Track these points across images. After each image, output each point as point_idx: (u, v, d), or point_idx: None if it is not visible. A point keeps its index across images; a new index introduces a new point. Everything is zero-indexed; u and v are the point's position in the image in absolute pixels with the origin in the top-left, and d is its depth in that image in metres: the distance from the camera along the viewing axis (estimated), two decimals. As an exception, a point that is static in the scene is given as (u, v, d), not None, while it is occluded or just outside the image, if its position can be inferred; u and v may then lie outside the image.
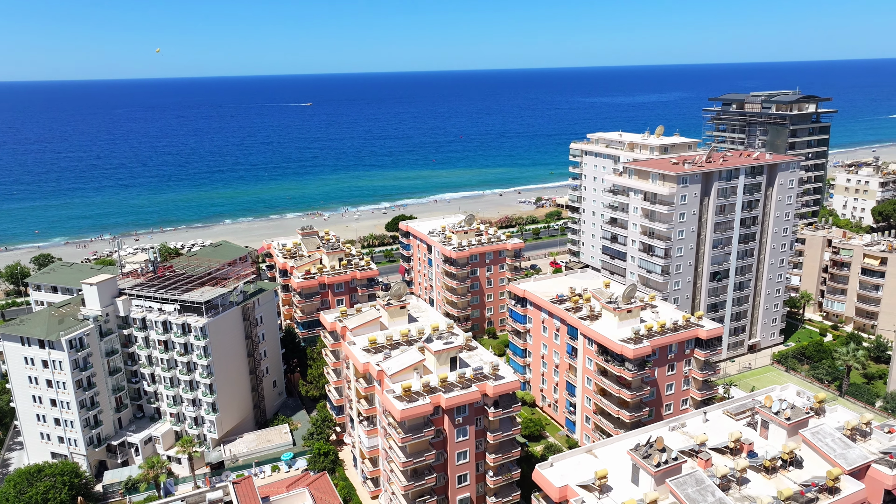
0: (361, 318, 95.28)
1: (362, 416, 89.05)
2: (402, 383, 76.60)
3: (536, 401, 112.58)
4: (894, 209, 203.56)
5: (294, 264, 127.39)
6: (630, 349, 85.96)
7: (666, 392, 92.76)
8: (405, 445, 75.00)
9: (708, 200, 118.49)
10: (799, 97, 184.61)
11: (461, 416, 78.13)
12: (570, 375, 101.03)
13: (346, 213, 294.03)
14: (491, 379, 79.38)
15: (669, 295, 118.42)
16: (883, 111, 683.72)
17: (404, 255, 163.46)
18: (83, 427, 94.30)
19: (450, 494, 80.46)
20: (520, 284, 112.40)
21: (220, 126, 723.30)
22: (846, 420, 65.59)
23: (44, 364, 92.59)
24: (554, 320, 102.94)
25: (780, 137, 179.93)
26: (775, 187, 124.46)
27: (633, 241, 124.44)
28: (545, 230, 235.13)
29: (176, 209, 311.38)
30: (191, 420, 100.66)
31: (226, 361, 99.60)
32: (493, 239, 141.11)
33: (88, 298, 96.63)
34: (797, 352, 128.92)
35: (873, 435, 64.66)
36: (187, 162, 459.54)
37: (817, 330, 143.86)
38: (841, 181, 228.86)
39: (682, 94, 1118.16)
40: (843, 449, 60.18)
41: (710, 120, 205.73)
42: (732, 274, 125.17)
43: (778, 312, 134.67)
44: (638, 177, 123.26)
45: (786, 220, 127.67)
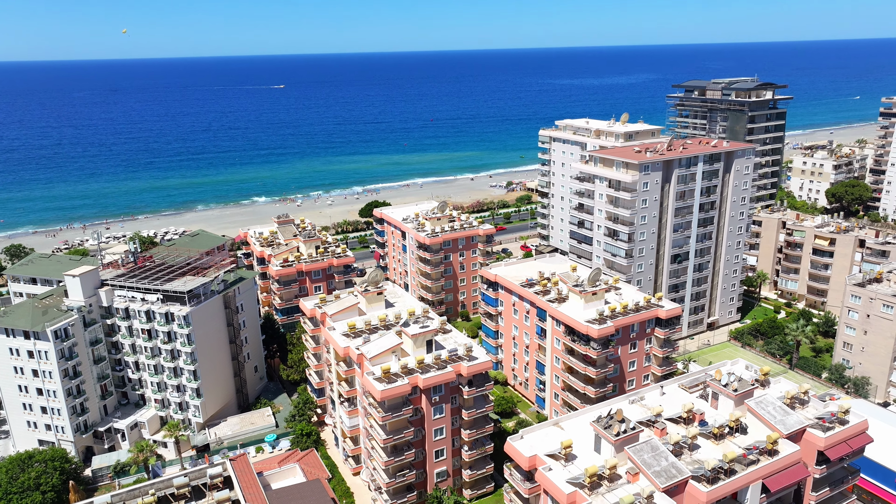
0: (340, 305, 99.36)
1: (343, 398, 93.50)
2: (382, 366, 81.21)
3: (508, 379, 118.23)
4: (846, 191, 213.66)
5: (271, 252, 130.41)
6: (595, 329, 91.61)
7: (629, 369, 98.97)
8: (385, 424, 79.78)
9: (669, 187, 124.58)
10: (757, 84, 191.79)
11: (437, 395, 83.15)
12: (539, 355, 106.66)
13: (319, 198, 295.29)
14: (465, 360, 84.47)
15: (633, 277, 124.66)
16: (844, 93, 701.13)
17: (379, 242, 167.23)
18: (70, 414, 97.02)
19: (428, 468, 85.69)
20: (491, 269, 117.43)
21: (185, 110, 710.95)
22: (787, 390, 72.17)
23: (29, 354, 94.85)
24: (524, 303, 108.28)
25: (740, 123, 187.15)
26: (732, 173, 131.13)
27: (598, 226, 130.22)
28: (516, 214, 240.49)
29: (145, 197, 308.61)
30: (175, 405, 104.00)
31: (209, 348, 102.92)
32: (466, 225, 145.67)
33: (71, 289, 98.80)
34: (752, 328, 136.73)
35: (811, 403, 71.34)
36: (153, 148, 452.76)
37: (772, 307, 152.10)
38: (798, 164, 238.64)
39: (650, 75, 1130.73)
40: (783, 416, 66.66)
41: (674, 106, 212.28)
42: (692, 256, 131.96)
43: (735, 291, 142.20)
44: (603, 164, 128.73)
45: (742, 204, 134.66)
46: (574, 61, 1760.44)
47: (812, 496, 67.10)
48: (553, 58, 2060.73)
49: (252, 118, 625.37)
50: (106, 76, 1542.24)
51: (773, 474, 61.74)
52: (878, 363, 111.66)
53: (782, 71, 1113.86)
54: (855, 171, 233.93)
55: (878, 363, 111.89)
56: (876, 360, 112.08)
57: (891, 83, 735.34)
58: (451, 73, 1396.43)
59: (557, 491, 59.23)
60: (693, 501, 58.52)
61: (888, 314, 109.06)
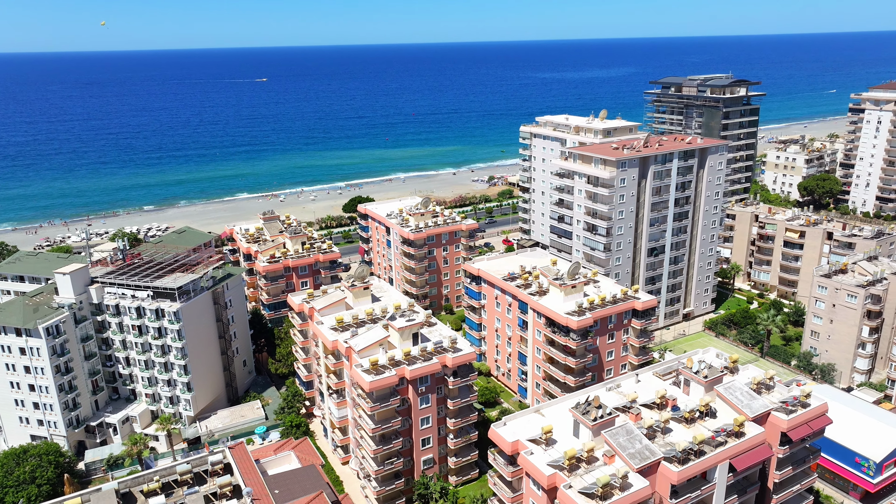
0: (328, 299, 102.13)
1: (332, 390, 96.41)
2: (370, 358, 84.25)
3: (491, 370, 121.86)
4: (817, 184, 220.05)
5: (258, 249, 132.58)
6: (574, 321, 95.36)
7: (607, 358, 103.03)
8: (374, 413, 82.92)
9: (645, 183, 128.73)
10: (731, 81, 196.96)
11: (424, 386, 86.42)
12: (521, 346, 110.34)
13: (302, 194, 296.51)
14: (450, 351, 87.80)
15: (611, 270, 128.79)
16: (819, 87, 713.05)
17: (363, 237, 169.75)
18: (62, 410, 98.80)
19: (415, 456, 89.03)
20: (474, 263, 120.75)
21: (164, 104, 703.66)
22: (754, 376, 76.49)
23: (21, 351, 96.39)
24: (506, 296, 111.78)
25: (715, 119, 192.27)
26: (706, 169, 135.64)
27: (578, 220, 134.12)
28: (498, 209, 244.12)
29: (125, 193, 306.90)
30: (166, 399, 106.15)
31: (199, 343, 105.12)
32: (449, 220, 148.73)
33: (62, 287, 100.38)
34: (726, 319, 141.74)
35: (776, 388, 75.74)
36: (131, 144, 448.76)
37: (745, 298, 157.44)
38: (772, 158, 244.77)
39: (630, 69, 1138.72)
40: (749, 400, 70.90)
41: (651, 102, 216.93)
42: (668, 249, 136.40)
43: (710, 283, 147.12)
44: (582, 161, 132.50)
45: (715, 198, 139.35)
46: (555, 54, 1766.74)
47: (776, 475, 71.50)
48: (534, 51, 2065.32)
49: (232, 113, 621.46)
50: (80, 69, 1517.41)
51: (739, 455, 65.92)
52: (843, 350, 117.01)
53: (759, 65, 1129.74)
54: (826, 164, 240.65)
55: (842, 350, 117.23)
56: (841, 347, 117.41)
57: (865, 76, 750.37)
58: (432, 66, 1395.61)
59: (538, 473, 62.86)
60: (665, 481, 62.48)
61: (852, 304, 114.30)
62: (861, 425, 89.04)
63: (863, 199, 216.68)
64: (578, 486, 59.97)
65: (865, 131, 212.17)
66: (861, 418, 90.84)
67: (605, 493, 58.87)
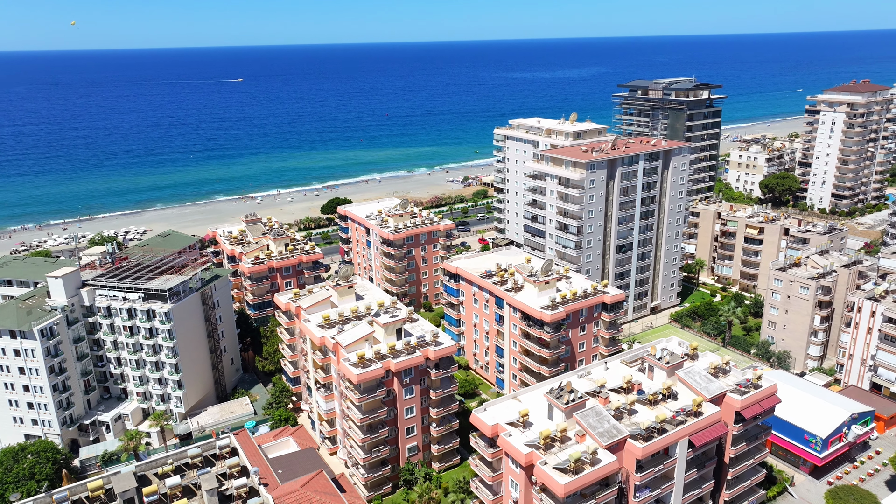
0: (314, 298, 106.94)
1: (319, 384, 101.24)
2: (357, 352, 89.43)
3: (470, 364, 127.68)
4: (777, 182, 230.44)
5: (242, 250, 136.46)
6: (548, 315, 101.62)
7: (579, 349, 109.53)
8: (361, 404, 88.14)
9: (613, 183, 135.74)
10: (695, 84, 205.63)
11: (408, 378, 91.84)
12: (498, 340, 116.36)
13: (279, 195, 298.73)
14: (432, 345, 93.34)
15: (582, 267, 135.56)
16: (783, 86, 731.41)
17: (343, 238, 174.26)
18: (57, 409, 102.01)
19: (400, 444, 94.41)
20: (452, 262, 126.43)
21: (134, 106, 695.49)
22: (711, 361, 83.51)
23: (15, 353, 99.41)
24: (483, 293, 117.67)
25: (679, 121, 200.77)
26: (670, 170, 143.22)
27: (550, 220, 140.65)
28: (473, 209, 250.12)
29: (99, 196, 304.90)
30: (157, 397, 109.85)
31: (189, 342, 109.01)
32: (427, 221, 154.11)
33: (54, 290, 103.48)
34: (691, 311, 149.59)
35: (732, 372, 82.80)
36: (102, 146, 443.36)
37: (709, 291, 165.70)
38: (735, 157, 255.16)
39: (600, 68, 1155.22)
40: (707, 383, 77.79)
41: (619, 105, 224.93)
42: (635, 246, 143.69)
43: (675, 277, 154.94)
44: (553, 163, 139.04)
45: (680, 197, 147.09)
46: (527, 54, 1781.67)
47: (731, 450, 78.50)
48: (506, 50, 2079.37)
49: (204, 114, 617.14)
50: (45, 69, 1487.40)
51: (697, 432, 72.66)
52: (797, 339, 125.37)
53: (726, 64, 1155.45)
54: (786, 163, 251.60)
55: (797, 339, 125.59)
56: (795, 335, 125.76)
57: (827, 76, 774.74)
58: (403, 66, 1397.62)
59: (517, 452, 68.76)
60: (631, 456, 68.86)
61: (805, 295, 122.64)
62: (810, 406, 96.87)
63: (819, 196, 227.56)
64: (553, 463, 65.98)
65: (821, 132, 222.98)
66: (811, 400, 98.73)
67: (576, 468, 65.02)
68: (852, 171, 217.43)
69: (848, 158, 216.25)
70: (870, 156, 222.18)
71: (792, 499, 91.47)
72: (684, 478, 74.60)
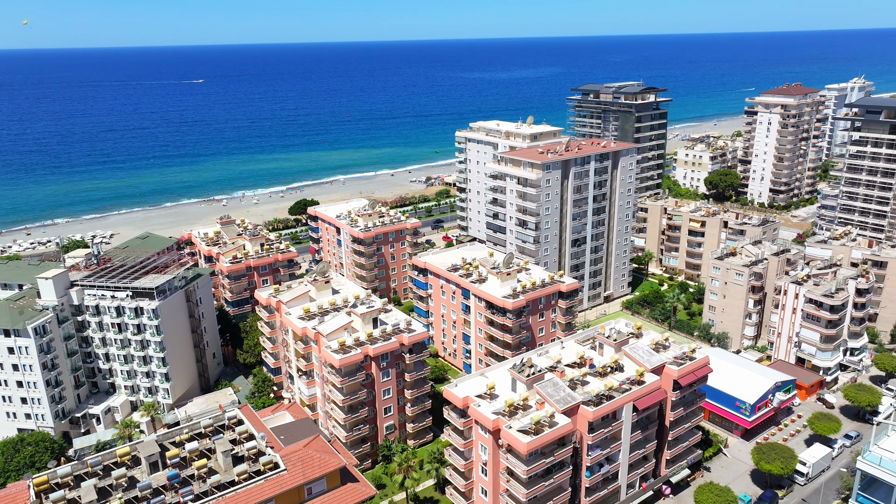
0: (293, 293, 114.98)
1: (301, 371, 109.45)
2: (337, 340, 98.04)
3: (439, 352, 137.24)
4: (720, 179, 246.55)
5: (219, 251, 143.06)
6: (510, 303, 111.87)
7: (538, 334, 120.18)
8: (343, 387, 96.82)
9: (567, 182, 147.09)
10: (642, 88, 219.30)
11: (384, 362, 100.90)
12: (465, 328, 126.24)
13: (245, 198, 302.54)
14: (406, 332, 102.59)
15: (540, 259, 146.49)
16: (731, 85, 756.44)
17: (314, 238, 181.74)
18: (50, 403, 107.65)
19: (378, 423, 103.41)
20: (421, 258, 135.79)
21: (87, 108, 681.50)
22: (653, 338, 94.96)
23: (10, 350, 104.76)
24: (450, 285, 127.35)
25: (629, 123, 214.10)
26: (619, 169, 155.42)
27: (510, 217, 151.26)
28: (437, 208, 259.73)
29: (58, 202, 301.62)
30: (145, 390, 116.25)
31: (175, 337, 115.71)
32: (395, 220, 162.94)
33: (44, 291, 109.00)
34: (641, 299, 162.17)
35: (671, 347, 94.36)
36: (56, 151, 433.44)
37: (657, 281, 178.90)
38: (681, 156, 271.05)
39: (556, 68, 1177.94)
40: (649, 356, 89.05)
41: (573, 107, 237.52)
42: (589, 240, 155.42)
43: (626, 268, 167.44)
44: (512, 164, 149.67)
45: (628, 194, 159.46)
46: (484, 54, 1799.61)
47: (671, 414, 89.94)
48: (463, 50, 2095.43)
49: (160, 117, 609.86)
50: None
51: (640, 398, 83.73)
52: (734, 321, 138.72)
53: (676, 64, 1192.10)
54: (728, 161, 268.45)
55: (733, 321, 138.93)
56: (732, 318, 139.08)
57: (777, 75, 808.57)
58: (362, 66, 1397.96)
59: (485, 419, 78.61)
60: (583, 419, 79.45)
61: (740, 281, 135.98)
62: (741, 377, 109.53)
63: (759, 191, 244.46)
64: (517, 427, 76.02)
65: (759, 131, 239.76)
66: (742, 372, 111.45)
67: (537, 430, 75.21)
68: (787, 167, 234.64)
69: (783, 156, 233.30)
70: (802, 153, 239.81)
71: (726, 458, 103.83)
72: (630, 438, 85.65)
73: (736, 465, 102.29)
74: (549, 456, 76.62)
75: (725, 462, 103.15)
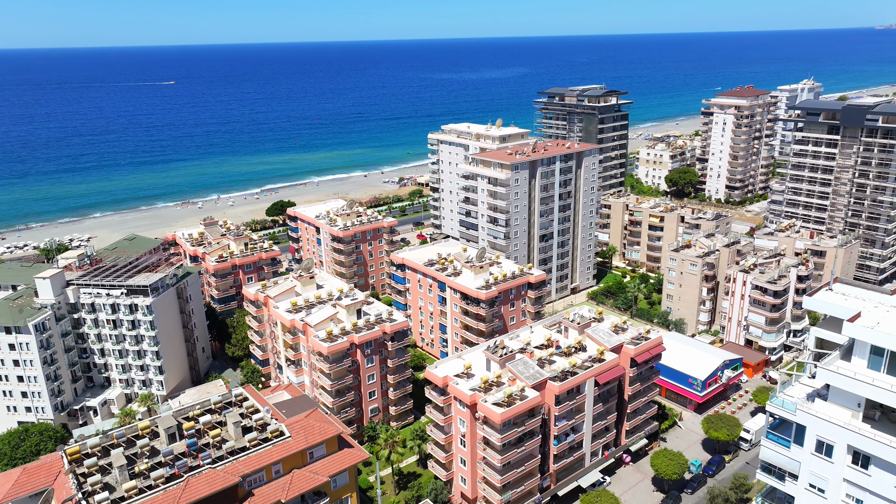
0: (280, 288, 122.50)
1: (290, 361, 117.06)
2: (325, 329, 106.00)
3: (417, 342, 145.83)
4: (679, 176, 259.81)
5: (205, 251, 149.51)
6: (483, 294, 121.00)
7: (510, 322, 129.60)
8: (331, 373, 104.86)
9: (534, 182, 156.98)
10: (604, 92, 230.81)
11: (369, 349, 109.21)
12: (441, 319, 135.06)
13: (220, 200, 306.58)
14: (388, 321, 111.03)
15: (511, 253, 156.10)
16: (694, 85, 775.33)
17: (293, 237, 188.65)
18: (50, 396, 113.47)
19: (363, 406, 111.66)
20: (399, 254, 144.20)
21: (49, 112, 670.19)
22: (613, 322, 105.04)
23: (10, 347, 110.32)
24: (427, 279, 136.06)
25: (592, 124, 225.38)
26: (582, 169, 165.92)
27: (482, 214, 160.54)
28: (410, 207, 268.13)
29: (29, 206, 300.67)
30: (139, 382, 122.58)
31: (167, 332, 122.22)
32: (372, 219, 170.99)
33: (42, 290, 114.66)
34: (605, 290, 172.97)
35: (629, 330, 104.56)
36: (21, 156, 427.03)
37: (621, 273, 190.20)
38: (643, 155, 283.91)
39: (523, 69, 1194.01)
40: (609, 337, 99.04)
41: (540, 110, 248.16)
42: (556, 235, 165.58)
43: (591, 262, 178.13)
44: (483, 165, 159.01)
45: (592, 192, 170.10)
46: (451, 54, 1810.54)
47: (629, 389, 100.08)
48: (431, 50, 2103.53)
49: (127, 120, 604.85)
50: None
51: (601, 373, 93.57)
52: (689, 307, 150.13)
53: (641, 64, 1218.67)
54: (687, 159, 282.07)
55: (689, 308, 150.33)
56: (688, 305, 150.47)
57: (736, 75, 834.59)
58: (330, 66, 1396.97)
59: (463, 395, 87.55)
60: (550, 393, 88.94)
61: (694, 271, 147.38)
62: (694, 357, 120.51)
63: (716, 187, 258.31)
64: (491, 400, 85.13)
65: (715, 131, 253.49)
66: (695, 353, 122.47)
67: (509, 402, 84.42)
68: (741, 165, 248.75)
69: (737, 155, 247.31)
70: (756, 152, 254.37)
71: (680, 430, 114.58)
72: (593, 410, 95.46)
73: (689, 435, 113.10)
74: (520, 426, 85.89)
75: (680, 433, 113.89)
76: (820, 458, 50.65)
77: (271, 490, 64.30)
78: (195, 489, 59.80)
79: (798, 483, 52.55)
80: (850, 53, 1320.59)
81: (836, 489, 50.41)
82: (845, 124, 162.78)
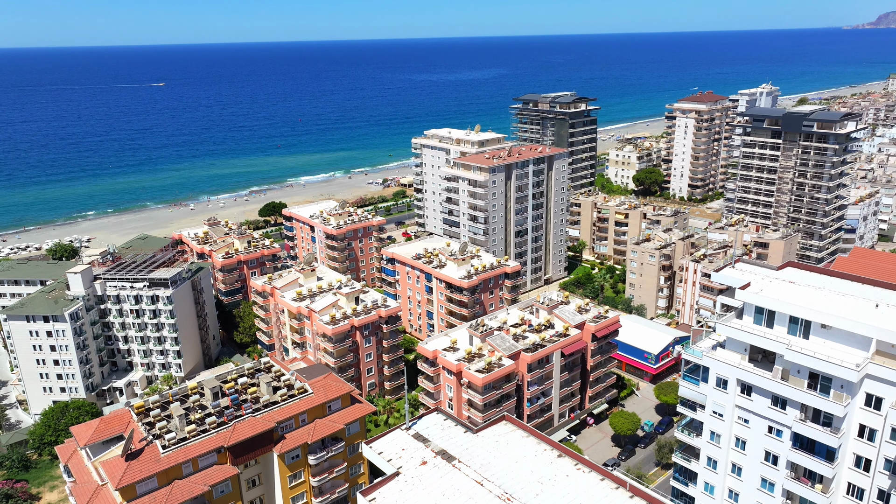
0: (284, 280, 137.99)
1: (296, 344, 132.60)
2: (329, 314, 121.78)
3: (406, 329, 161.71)
4: (646, 176, 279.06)
5: (211, 248, 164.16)
6: (465, 283, 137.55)
7: (489, 308, 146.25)
8: (334, 352, 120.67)
9: (510, 183, 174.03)
10: (574, 98, 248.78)
11: (367, 331, 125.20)
12: (428, 307, 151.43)
13: (210, 202, 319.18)
14: (383, 307, 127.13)
15: (489, 248, 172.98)
16: (667, 86, 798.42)
17: (288, 236, 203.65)
18: (83, 378, 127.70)
19: (362, 381, 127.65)
20: (389, 249, 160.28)
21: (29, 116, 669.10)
22: (578, 303, 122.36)
23: (48, 334, 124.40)
24: (415, 271, 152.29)
25: (563, 129, 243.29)
26: (554, 170, 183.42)
27: (463, 213, 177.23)
28: (395, 207, 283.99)
29: (21, 210, 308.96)
30: (160, 366, 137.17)
31: (184, 321, 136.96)
32: (362, 218, 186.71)
33: (73, 283, 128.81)
34: (575, 281, 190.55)
35: (591, 311, 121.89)
36: (5, 160, 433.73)
37: (590, 266, 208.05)
38: (612, 156, 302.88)
39: (500, 70, 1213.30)
40: (573, 316, 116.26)
41: (515, 115, 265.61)
42: (530, 231, 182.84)
43: (563, 255, 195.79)
44: (463, 168, 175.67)
45: (562, 192, 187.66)
46: (427, 54, 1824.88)
47: (591, 360, 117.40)
48: (408, 50, 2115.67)
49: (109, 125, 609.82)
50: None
51: (566, 346, 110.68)
52: (649, 294, 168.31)
53: (616, 65, 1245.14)
54: (654, 160, 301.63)
55: (649, 295, 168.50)
56: (648, 292, 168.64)
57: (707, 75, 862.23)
58: (309, 68, 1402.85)
59: (450, 364, 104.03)
60: (524, 362, 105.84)
61: (652, 262, 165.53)
62: (649, 335, 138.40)
63: (679, 186, 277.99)
64: (474, 368, 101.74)
65: (678, 134, 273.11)
66: (651, 332, 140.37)
67: (489, 369, 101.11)
68: (702, 166, 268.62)
69: (698, 156, 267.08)
70: (715, 153, 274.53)
71: (637, 398, 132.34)
72: (560, 378, 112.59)
73: (644, 402, 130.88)
74: (499, 389, 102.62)
75: (637, 401, 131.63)
76: (719, 391, 67.91)
77: (299, 434, 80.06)
78: (241, 432, 75.35)
79: (705, 411, 69.82)
80: (818, 54, 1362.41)
81: (730, 413, 67.70)
82: (786, 129, 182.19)
